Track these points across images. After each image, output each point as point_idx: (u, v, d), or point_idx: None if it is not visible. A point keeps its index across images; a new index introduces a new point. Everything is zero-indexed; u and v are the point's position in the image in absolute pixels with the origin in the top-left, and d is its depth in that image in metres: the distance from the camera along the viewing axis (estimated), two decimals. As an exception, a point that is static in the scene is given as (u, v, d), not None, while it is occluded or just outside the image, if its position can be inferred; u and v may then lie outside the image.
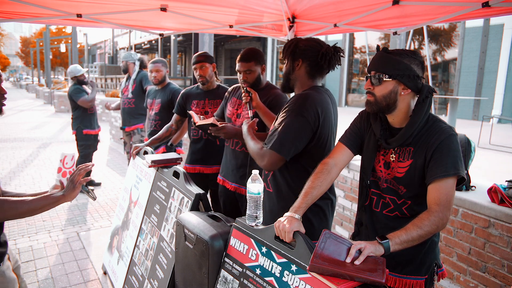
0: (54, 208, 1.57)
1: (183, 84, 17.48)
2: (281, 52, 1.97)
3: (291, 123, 1.73)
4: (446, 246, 2.58)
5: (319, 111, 1.75)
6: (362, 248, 1.22)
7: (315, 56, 1.82)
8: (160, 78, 3.71)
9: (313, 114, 1.73)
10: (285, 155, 1.72)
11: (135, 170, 2.97)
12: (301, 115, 1.72)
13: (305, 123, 1.73)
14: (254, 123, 2.02)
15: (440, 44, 13.37)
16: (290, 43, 1.89)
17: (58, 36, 33.25)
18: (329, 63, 1.81)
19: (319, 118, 1.75)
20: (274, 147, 1.72)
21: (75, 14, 2.91)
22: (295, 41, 1.88)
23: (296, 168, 1.84)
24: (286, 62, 1.90)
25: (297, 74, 1.87)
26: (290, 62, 1.88)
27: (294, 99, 1.80)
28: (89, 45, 35.27)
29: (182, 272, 1.78)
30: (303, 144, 1.77)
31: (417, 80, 1.45)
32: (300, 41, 1.86)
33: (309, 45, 1.83)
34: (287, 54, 1.88)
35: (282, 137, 1.72)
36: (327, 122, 1.81)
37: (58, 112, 15.79)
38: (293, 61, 1.86)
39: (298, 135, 1.74)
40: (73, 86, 5.09)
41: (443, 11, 2.50)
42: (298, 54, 1.84)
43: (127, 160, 5.57)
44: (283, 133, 1.73)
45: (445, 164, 1.38)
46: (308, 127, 1.74)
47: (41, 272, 3.11)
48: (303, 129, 1.73)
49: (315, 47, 1.82)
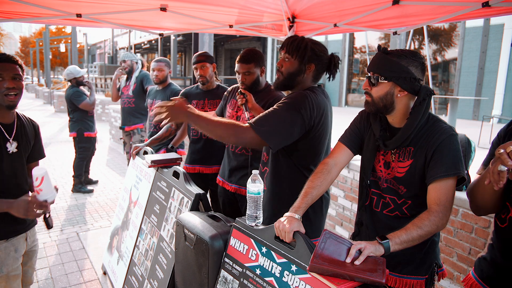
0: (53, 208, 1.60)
1: (183, 84, 17.46)
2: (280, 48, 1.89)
3: (286, 115, 1.70)
4: (446, 246, 2.58)
5: (315, 112, 1.74)
6: (362, 248, 1.21)
7: (326, 63, 1.84)
8: (161, 78, 3.68)
9: (310, 113, 1.72)
10: (272, 144, 1.69)
11: (135, 170, 2.97)
12: (298, 111, 1.70)
13: (300, 119, 1.71)
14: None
15: (440, 44, 13.37)
16: (300, 42, 1.79)
17: (58, 36, 33.22)
18: (336, 72, 1.85)
19: (315, 118, 1.74)
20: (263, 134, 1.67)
21: (74, 14, 2.91)
22: (306, 42, 1.80)
23: (289, 167, 1.84)
24: (293, 60, 1.81)
25: (304, 77, 1.84)
26: (301, 64, 1.80)
27: (293, 95, 1.79)
28: (88, 45, 35.25)
29: (182, 272, 1.78)
30: (292, 138, 1.72)
31: (414, 82, 1.44)
32: (312, 43, 1.80)
33: (322, 51, 1.82)
34: (297, 54, 1.79)
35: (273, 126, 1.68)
36: (324, 123, 1.80)
37: (58, 112, 15.78)
38: (305, 63, 1.80)
39: (289, 129, 1.70)
40: (72, 88, 5.05)
41: (443, 11, 2.50)
42: (312, 59, 1.80)
43: (126, 160, 5.56)
44: (275, 123, 1.69)
45: (445, 164, 1.38)
46: (301, 123, 1.71)
47: (40, 272, 3.11)
48: (296, 124, 1.71)
49: (326, 54, 1.84)
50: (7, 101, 1.72)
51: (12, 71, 1.73)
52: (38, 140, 1.97)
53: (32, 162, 1.97)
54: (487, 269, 1.40)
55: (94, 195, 5.18)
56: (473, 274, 1.45)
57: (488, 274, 1.39)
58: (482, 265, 1.43)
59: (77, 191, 5.25)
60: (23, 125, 1.87)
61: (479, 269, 1.43)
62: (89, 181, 5.56)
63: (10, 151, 1.78)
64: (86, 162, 5.43)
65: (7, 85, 1.70)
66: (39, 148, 1.99)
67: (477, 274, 1.43)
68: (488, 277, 1.39)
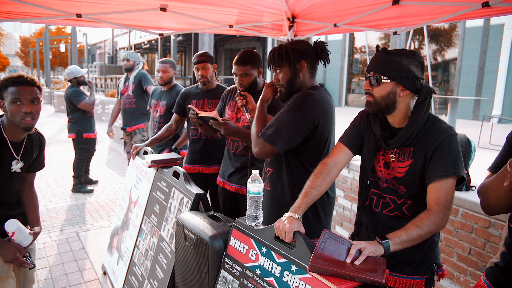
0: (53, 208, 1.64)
1: (183, 84, 17.48)
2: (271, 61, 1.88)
3: (288, 117, 1.74)
4: (446, 246, 2.58)
5: (320, 110, 1.75)
6: (362, 248, 1.21)
7: (314, 54, 1.84)
8: (166, 79, 3.61)
9: (312, 112, 1.73)
10: (279, 148, 1.74)
11: (135, 170, 2.97)
12: (300, 112, 1.73)
13: (303, 120, 1.73)
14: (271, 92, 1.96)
15: (440, 44, 13.36)
16: (280, 50, 1.81)
17: (58, 36, 33.22)
18: (327, 56, 1.85)
19: (318, 117, 1.75)
20: (268, 138, 1.75)
21: (74, 14, 2.90)
22: (283, 47, 1.81)
23: (297, 168, 1.84)
24: (283, 69, 1.82)
25: (302, 76, 1.84)
26: (291, 68, 1.81)
27: (296, 97, 1.80)
28: (88, 45, 35.22)
29: (182, 272, 1.78)
30: (298, 139, 1.77)
31: (416, 81, 1.44)
32: (290, 45, 1.82)
33: (303, 45, 1.83)
34: (284, 61, 1.81)
35: (277, 129, 1.74)
36: (328, 121, 1.81)
37: (58, 112, 15.78)
38: (294, 65, 1.81)
39: (293, 130, 1.74)
40: (71, 88, 5.03)
41: (443, 11, 2.50)
42: (299, 56, 1.80)
43: (127, 160, 5.56)
44: (279, 126, 1.75)
45: (445, 164, 1.38)
46: (305, 124, 1.74)
47: (40, 272, 3.11)
48: (299, 125, 1.74)
49: (308, 45, 1.84)
50: (23, 124, 1.74)
51: (31, 94, 1.73)
52: (41, 154, 1.97)
53: (31, 172, 1.97)
54: (500, 276, 1.36)
55: (94, 195, 5.18)
56: (485, 280, 1.41)
57: (502, 282, 1.35)
58: (494, 271, 1.39)
59: (77, 191, 5.25)
60: (31, 143, 1.87)
61: (491, 276, 1.39)
62: (89, 181, 5.56)
63: (13, 170, 1.78)
64: (86, 162, 5.43)
65: (25, 109, 1.72)
66: (40, 160, 1.99)
67: (489, 280, 1.39)
68: (501, 284, 1.35)
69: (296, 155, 1.83)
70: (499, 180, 1.23)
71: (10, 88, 1.71)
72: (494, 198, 1.32)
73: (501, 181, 1.21)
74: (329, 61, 1.87)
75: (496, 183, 1.27)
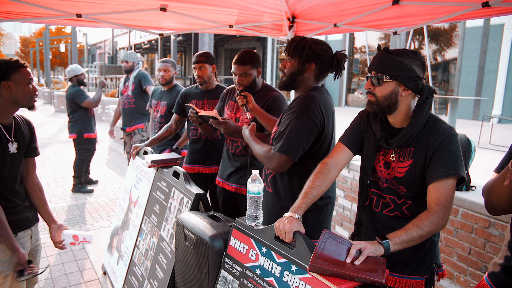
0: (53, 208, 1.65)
1: (183, 84, 17.48)
2: (281, 50, 1.91)
3: (298, 124, 1.74)
4: (446, 246, 2.58)
5: (323, 111, 1.76)
6: (362, 248, 1.21)
7: (328, 62, 1.82)
8: (167, 79, 3.61)
9: (318, 114, 1.74)
10: (293, 156, 1.73)
11: (135, 170, 2.97)
12: (307, 116, 1.73)
13: (312, 124, 1.74)
14: (253, 127, 2.01)
15: (440, 44, 13.37)
16: (300, 42, 1.81)
17: (58, 36, 33.22)
18: (340, 69, 1.83)
19: (324, 119, 1.76)
20: (282, 149, 1.73)
21: (74, 14, 2.91)
22: (306, 42, 1.80)
23: (300, 170, 1.84)
24: (293, 61, 1.83)
25: (305, 77, 1.84)
26: (300, 64, 1.81)
27: (298, 101, 1.79)
28: (88, 45, 35.23)
29: (182, 272, 1.78)
30: (309, 144, 1.77)
31: (417, 81, 1.44)
32: (312, 43, 1.80)
33: (323, 50, 1.81)
34: (297, 54, 1.81)
35: (289, 138, 1.73)
36: (330, 122, 1.82)
37: (58, 112, 15.78)
38: (304, 63, 1.80)
39: (305, 136, 1.74)
40: (73, 87, 5.03)
41: (443, 11, 2.50)
42: (312, 57, 1.80)
43: (127, 160, 5.56)
44: (290, 135, 1.73)
45: (445, 164, 1.38)
46: (314, 127, 1.75)
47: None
48: (309, 130, 1.74)
49: (328, 52, 1.83)
50: (32, 102, 1.86)
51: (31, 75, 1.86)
52: (33, 138, 1.99)
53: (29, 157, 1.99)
54: (503, 277, 1.35)
55: (94, 195, 5.18)
56: (488, 280, 1.40)
57: (505, 283, 1.35)
58: (497, 272, 1.38)
59: (77, 191, 5.25)
60: (19, 125, 1.91)
61: (493, 276, 1.38)
62: (89, 181, 5.56)
63: (11, 152, 1.80)
64: (87, 162, 5.43)
65: (34, 89, 1.85)
66: (34, 145, 2.01)
67: (491, 281, 1.38)
68: (503, 285, 1.35)
69: (301, 158, 1.82)
70: (502, 180, 1.23)
71: (23, 70, 1.80)
72: (497, 197, 1.32)
73: (503, 180, 1.21)
74: (341, 75, 1.86)
75: (498, 182, 1.28)
